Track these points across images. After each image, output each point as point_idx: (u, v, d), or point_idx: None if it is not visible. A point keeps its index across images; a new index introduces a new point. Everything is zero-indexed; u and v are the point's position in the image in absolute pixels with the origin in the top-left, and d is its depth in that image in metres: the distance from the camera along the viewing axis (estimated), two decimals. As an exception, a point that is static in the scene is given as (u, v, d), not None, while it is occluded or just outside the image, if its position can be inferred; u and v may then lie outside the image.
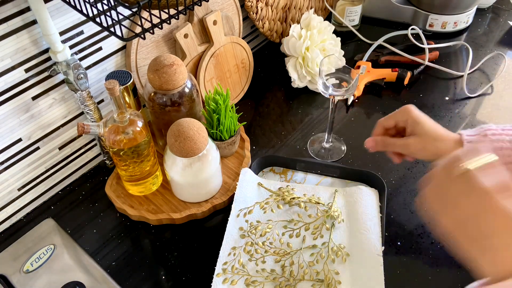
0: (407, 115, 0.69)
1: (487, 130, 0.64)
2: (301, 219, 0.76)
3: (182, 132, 0.72)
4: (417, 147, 0.68)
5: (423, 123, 0.68)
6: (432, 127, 0.68)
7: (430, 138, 0.67)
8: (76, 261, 0.74)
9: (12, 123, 0.73)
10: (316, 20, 1.04)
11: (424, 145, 0.67)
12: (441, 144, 0.66)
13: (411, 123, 0.69)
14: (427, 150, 0.67)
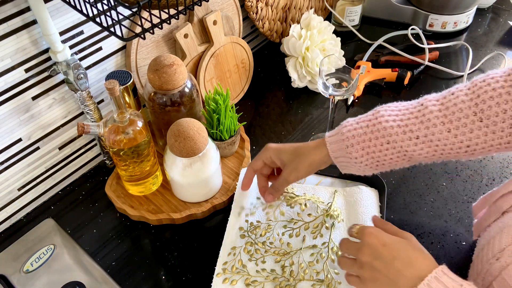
0: (267, 152, 0.70)
1: (344, 127, 0.64)
2: (300, 218, 0.76)
3: (182, 132, 0.72)
4: (293, 173, 0.68)
5: (283, 149, 0.69)
6: (293, 147, 0.69)
7: (294, 156, 0.67)
8: (76, 261, 0.74)
9: (12, 123, 0.73)
10: (316, 20, 1.04)
11: (295, 167, 0.67)
12: (305, 154, 0.67)
13: (275, 156, 0.69)
14: (300, 168, 0.67)
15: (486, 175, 0.86)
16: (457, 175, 0.87)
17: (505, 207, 0.62)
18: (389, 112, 0.61)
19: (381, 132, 0.61)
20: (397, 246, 0.53)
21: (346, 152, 0.63)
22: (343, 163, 0.65)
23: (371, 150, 0.62)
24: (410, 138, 0.59)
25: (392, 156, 0.61)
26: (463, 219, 0.79)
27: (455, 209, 0.81)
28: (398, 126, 0.60)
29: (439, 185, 0.85)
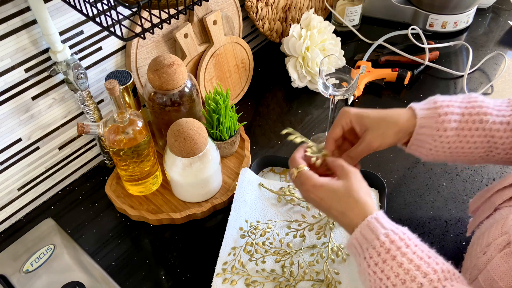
0: (347, 116, 0.65)
1: (437, 101, 0.63)
2: (305, 220, 0.76)
3: (182, 132, 0.72)
4: (378, 139, 0.64)
5: (366, 114, 0.65)
6: (376, 112, 0.65)
7: (382, 122, 0.64)
8: (76, 261, 0.74)
9: (12, 123, 0.73)
10: (316, 20, 1.04)
11: (382, 133, 0.64)
12: (394, 122, 0.64)
13: (356, 120, 0.65)
14: (387, 135, 0.64)
15: (486, 175, 0.86)
16: (457, 175, 0.87)
17: (498, 203, 0.61)
18: (485, 99, 0.62)
19: (476, 109, 0.60)
20: (331, 199, 0.57)
21: (437, 122, 0.61)
22: (422, 136, 0.63)
23: (461, 125, 0.61)
24: (502, 122, 0.60)
25: (477, 138, 0.61)
26: (463, 219, 0.79)
27: (455, 209, 0.81)
28: (494, 109, 0.61)
29: (439, 185, 0.85)
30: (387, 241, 0.51)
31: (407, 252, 0.50)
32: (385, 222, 0.53)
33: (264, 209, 0.78)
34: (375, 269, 0.51)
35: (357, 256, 0.54)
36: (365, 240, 0.52)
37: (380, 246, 0.51)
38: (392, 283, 0.49)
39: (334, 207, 0.57)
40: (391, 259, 0.50)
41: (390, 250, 0.50)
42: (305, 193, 0.60)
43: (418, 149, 0.64)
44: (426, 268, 0.49)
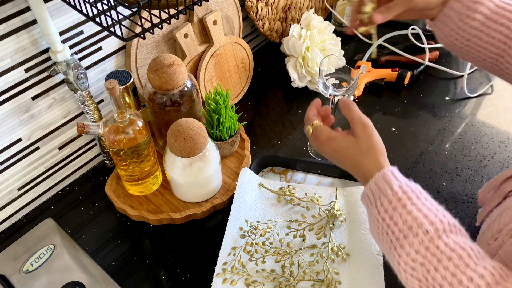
0: None
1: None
2: (305, 220, 0.76)
3: (182, 132, 0.72)
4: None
5: None
6: None
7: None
8: (76, 261, 0.74)
9: (12, 123, 0.73)
10: (316, 20, 1.04)
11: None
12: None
13: None
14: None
15: (486, 175, 0.86)
16: (457, 175, 0.87)
17: (507, 190, 0.63)
18: None
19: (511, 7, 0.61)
20: (345, 151, 0.60)
21: (471, 1, 0.62)
22: (452, 11, 0.64)
23: (491, 15, 0.61)
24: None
25: (497, 34, 0.62)
26: (463, 219, 0.79)
27: (455, 209, 0.81)
28: None
29: (439, 185, 0.85)
30: (400, 191, 0.53)
31: (417, 203, 0.52)
32: (399, 176, 0.55)
33: (264, 209, 0.78)
34: (384, 216, 0.53)
35: (369, 205, 0.56)
36: (379, 189, 0.54)
37: (392, 195, 0.53)
38: (399, 229, 0.52)
39: (348, 159, 0.59)
40: (401, 207, 0.52)
41: (401, 199, 0.52)
42: (320, 147, 0.62)
43: (442, 26, 0.66)
44: (433, 218, 0.51)
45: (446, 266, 0.48)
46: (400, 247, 0.52)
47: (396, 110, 1.01)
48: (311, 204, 0.78)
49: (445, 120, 0.98)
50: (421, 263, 0.50)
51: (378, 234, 0.55)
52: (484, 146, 0.92)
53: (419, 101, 1.04)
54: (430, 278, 0.49)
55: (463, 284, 0.47)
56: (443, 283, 0.48)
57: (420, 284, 0.50)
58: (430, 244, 0.50)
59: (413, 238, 0.50)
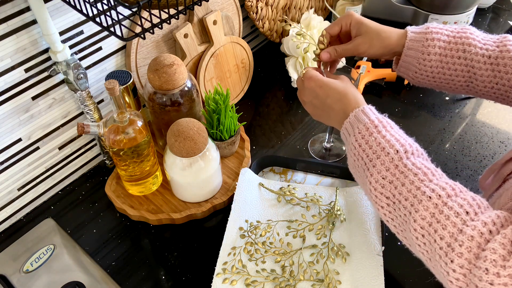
0: (349, 18, 0.72)
1: (430, 27, 0.70)
2: (305, 220, 0.76)
3: (182, 132, 0.72)
4: (365, 45, 0.71)
5: (366, 22, 0.72)
6: (375, 24, 0.72)
7: (375, 33, 0.71)
8: (76, 261, 0.74)
9: (12, 123, 0.73)
10: (316, 20, 1.04)
11: (370, 42, 0.71)
12: (386, 37, 0.71)
13: (355, 25, 0.72)
14: (374, 45, 0.71)
15: (486, 175, 0.86)
16: (457, 175, 0.87)
17: (506, 173, 0.64)
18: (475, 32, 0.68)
19: (462, 39, 0.67)
20: (330, 86, 0.65)
21: (423, 45, 0.68)
22: (409, 58, 0.70)
23: (445, 52, 0.68)
24: (483, 55, 0.66)
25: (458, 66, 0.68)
26: (463, 219, 0.79)
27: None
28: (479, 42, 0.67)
29: (439, 185, 0.85)
30: (376, 120, 0.59)
31: (390, 130, 0.58)
32: (375, 112, 0.61)
33: (264, 209, 0.78)
34: (360, 142, 0.59)
35: (347, 136, 0.62)
36: (357, 120, 0.60)
37: (370, 123, 0.59)
38: (373, 151, 0.57)
39: (331, 93, 0.64)
40: (377, 132, 0.58)
41: (377, 126, 0.58)
42: (306, 82, 0.67)
43: (405, 71, 0.73)
44: (403, 142, 0.57)
45: (412, 181, 0.53)
46: (372, 167, 0.57)
47: (396, 110, 1.01)
48: (311, 204, 0.78)
49: (445, 120, 0.98)
50: (390, 180, 0.55)
51: (354, 161, 0.60)
52: (484, 146, 0.92)
53: (419, 101, 1.04)
54: (397, 193, 0.54)
55: (426, 194, 0.51)
56: (408, 196, 0.53)
57: (387, 201, 0.56)
58: (399, 162, 0.55)
59: (384, 157, 0.56)
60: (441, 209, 0.50)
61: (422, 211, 0.51)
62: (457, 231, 0.48)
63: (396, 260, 0.73)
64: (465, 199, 0.50)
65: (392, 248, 0.75)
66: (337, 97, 0.64)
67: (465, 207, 0.49)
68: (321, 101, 0.66)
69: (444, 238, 0.49)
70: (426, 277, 0.71)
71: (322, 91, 0.65)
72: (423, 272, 0.73)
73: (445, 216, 0.49)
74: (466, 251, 0.47)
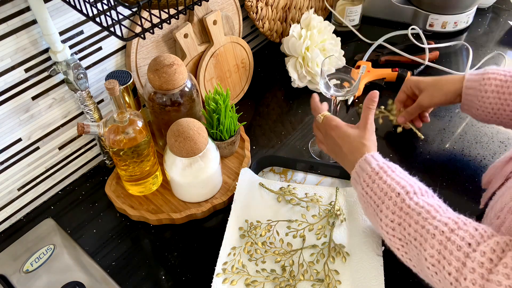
0: (409, 82, 0.87)
1: (487, 69, 0.77)
2: (305, 220, 0.76)
3: (182, 132, 0.72)
4: (427, 99, 0.83)
5: (422, 79, 0.85)
6: (433, 78, 0.84)
7: (432, 86, 0.82)
8: (76, 261, 0.74)
9: (12, 123, 0.73)
10: (316, 20, 1.04)
11: (431, 93, 0.82)
12: (444, 85, 0.81)
13: (414, 86, 0.86)
14: (435, 96, 0.82)
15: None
16: (457, 175, 0.87)
17: (509, 171, 0.65)
18: None
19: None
20: (347, 139, 0.69)
21: (480, 84, 0.75)
22: (469, 96, 0.78)
23: (502, 90, 0.73)
24: None
25: None
26: (463, 219, 0.79)
27: (455, 210, 0.81)
28: None
29: (439, 185, 0.85)
30: (377, 167, 0.62)
31: (391, 174, 0.61)
32: (379, 158, 0.64)
33: (264, 209, 0.78)
34: (366, 189, 0.62)
35: (356, 185, 0.65)
36: (361, 169, 0.64)
37: (371, 171, 0.62)
38: (378, 197, 0.60)
39: (346, 145, 0.69)
40: (378, 179, 0.61)
41: (378, 173, 0.62)
42: (327, 132, 0.73)
43: (468, 108, 0.80)
44: (404, 183, 0.59)
45: (417, 220, 0.55)
46: (380, 212, 0.59)
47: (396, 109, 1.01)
48: (311, 204, 0.78)
49: (445, 120, 0.98)
50: (398, 222, 0.57)
51: (365, 209, 0.63)
52: (484, 146, 0.92)
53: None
54: (406, 234, 0.56)
55: (430, 232, 0.53)
56: (416, 235, 0.55)
57: (401, 243, 0.57)
58: (403, 204, 0.57)
59: (388, 201, 0.59)
60: (445, 244, 0.51)
61: (429, 249, 0.53)
62: (461, 265, 0.50)
63: (396, 260, 0.73)
64: (467, 230, 0.51)
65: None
66: (352, 149, 0.68)
67: (466, 239, 0.50)
68: (338, 149, 0.71)
69: (451, 273, 0.50)
70: (426, 277, 0.71)
71: (341, 141, 0.70)
72: (423, 272, 0.72)
73: (449, 251, 0.51)
74: (471, 283, 0.48)
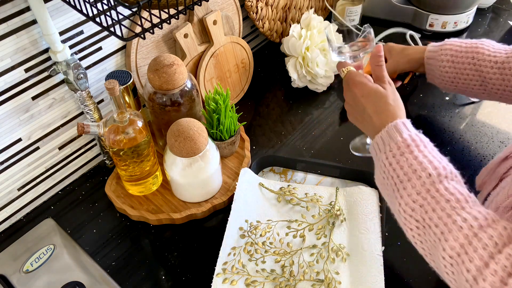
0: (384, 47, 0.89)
1: (446, 40, 0.83)
2: (305, 220, 0.76)
3: (182, 132, 0.72)
4: (392, 64, 0.89)
5: (393, 46, 0.91)
6: (402, 46, 0.90)
7: (400, 53, 0.89)
8: (76, 261, 0.74)
9: (12, 123, 0.73)
10: (316, 20, 1.04)
11: (397, 60, 0.89)
12: (410, 54, 0.87)
13: (387, 51, 0.91)
14: (400, 63, 0.89)
15: (486, 175, 0.86)
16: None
17: (502, 172, 0.65)
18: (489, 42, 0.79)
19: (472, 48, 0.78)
20: (373, 98, 0.64)
21: (438, 54, 0.82)
22: (430, 66, 0.84)
23: (457, 59, 0.79)
24: (491, 61, 0.76)
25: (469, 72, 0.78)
26: (463, 219, 0.79)
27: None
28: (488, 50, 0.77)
29: (439, 185, 0.85)
30: (409, 138, 0.57)
31: (424, 150, 0.56)
32: (410, 127, 0.59)
33: (264, 209, 0.78)
34: (391, 160, 0.57)
35: (378, 152, 0.60)
36: (389, 137, 0.59)
37: (402, 142, 0.57)
38: (404, 172, 0.55)
39: (371, 105, 0.64)
40: (409, 153, 0.56)
41: (409, 145, 0.57)
42: (350, 88, 0.67)
43: (431, 78, 0.86)
44: (437, 164, 0.55)
45: (443, 207, 0.51)
46: (403, 189, 0.55)
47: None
48: (311, 204, 0.78)
49: (445, 120, 0.98)
50: (420, 204, 0.53)
51: (383, 179, 0.59)
52: (484, 146, 0.92)
53: (419, 101, 1.03)
54: (427, 218, 0.53)
55: (457, 224, 0.50)
56: (439, 223, 0.51)
57: (417, 224, 0.54)
58: (431, 187, 0.53)
59: (416, 180, 0.54)
60: (470, 240, 0.49)
61: (452, 241, 0.50)
62: (483, 265, 0.47)
63: (396, 260, 0.73)
64: (496, 229, 0.48)
65: (392, 248, 0.75)
66: (379, 110, 0.63)
67: (494, 238, 0.48)
68: (361, 109, 0.65)
69: (470, 271, 0.48)
70: (426, 277, 0.71)
71: (365, 100, 0.65)
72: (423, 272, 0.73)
73: (474, 248, 0.48)
74: (489, 286, 0.46)
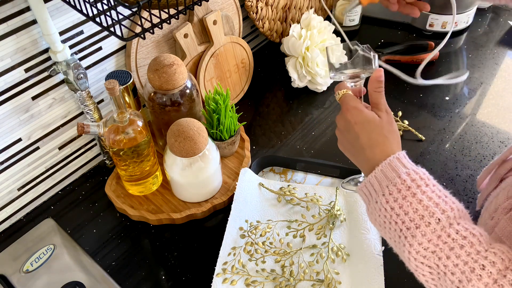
0: None
1: None
2: (305, 220, 0.76)
3: (182, 132, 0.72)
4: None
5: None
6: None
7: None
8: (76, 261, 0.74)
9: (12, 123, 0.73)
10: (316, 20, 1.04)
11: None
12: None
13: None
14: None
15: (486, 175, 0.86)
16: (457, 175, 0.87)
17: (503, 173, 0.65)
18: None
19: None
20: (367, 126, 0.57)
21: None
22: None
23: None
24: None
25: None
26: (463, 219, 0.79)
27: (455, 209, 0.81)
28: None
29: (439, 185, 0.85)
30: (408, 179, 0.52)
31: (427, 191, 0.52)
32: (406, 162, 0.54)
33: (264, 209, 0.78)
34: (393, 205, 0.52)
35: (372, 194, 0.55)
36: (386, 177, 0.54)
37: (401, 183, 0.52)
38: (409, 218, 0.51)
39: (364, 135, 0.57)
40: (411, 196, 0.52)
41: (410, 187, 0.52)
42: (344, 113, 0.60)
43: None
44: (444, 206, 0.51)
45: (459, 255, 0.49)
46: (411, 237, 0.51)
47: (396, 110, 1.01)
48: (311, 204, 0.78)
49: (445, 120, 0.98)
50: (432, 251, 0.50)
51: (384, 223, 0.54)
52: (484, 146, 0.92)
53: (419, 101, 1.04)
54: (441, 265, 0.50)
55: (476, 272, 0.47)
56: (455, 271, 0.49)
57: (430, 270, 0.51)
58: (443, 232, 0.50)
59: (425, 228, 0.50)
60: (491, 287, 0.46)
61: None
62: None
63: (396, 260, 0.73)
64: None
65: (392, 248, 0.75)
66: (372, 142, 0.57)
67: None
68: (353, 137, 0.58)
69: None
70: (426, 277, 0.71)
71: (359, 128, 0.58)
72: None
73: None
74: None
